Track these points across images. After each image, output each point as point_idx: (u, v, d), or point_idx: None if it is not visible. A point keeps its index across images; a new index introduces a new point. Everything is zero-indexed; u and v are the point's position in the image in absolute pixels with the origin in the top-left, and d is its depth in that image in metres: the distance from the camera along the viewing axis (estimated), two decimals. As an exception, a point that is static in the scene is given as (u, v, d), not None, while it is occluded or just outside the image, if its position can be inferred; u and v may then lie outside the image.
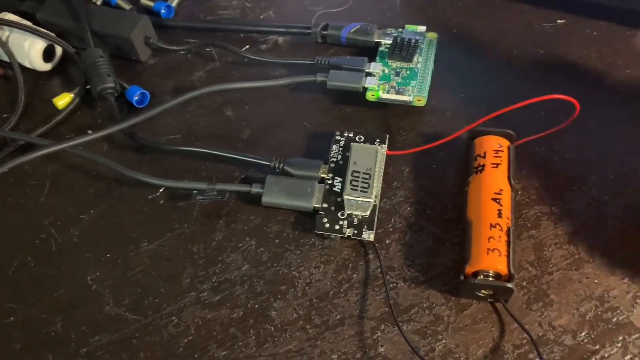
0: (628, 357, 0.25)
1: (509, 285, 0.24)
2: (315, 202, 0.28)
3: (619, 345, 0.25)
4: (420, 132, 0.31)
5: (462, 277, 0.25)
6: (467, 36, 0.35)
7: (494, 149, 0.28)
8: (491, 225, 0.25)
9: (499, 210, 0.26)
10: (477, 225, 0.26)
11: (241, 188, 0.29)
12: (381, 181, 0.29)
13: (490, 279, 0.25)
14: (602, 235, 0.27)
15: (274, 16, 0.37)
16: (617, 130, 0.30)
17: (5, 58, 0.34)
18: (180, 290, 0.27)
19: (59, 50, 0.35)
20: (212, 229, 0.29)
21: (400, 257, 0.28)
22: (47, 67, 0.35)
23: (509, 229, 0.25)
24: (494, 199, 0.26)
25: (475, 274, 0.25)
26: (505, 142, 0.28)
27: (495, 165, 0.27)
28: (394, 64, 0.32)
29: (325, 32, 0.34)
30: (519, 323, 0.25)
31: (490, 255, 0.25)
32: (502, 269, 0.25)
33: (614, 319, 0.25)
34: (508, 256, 0.25)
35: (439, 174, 0.30)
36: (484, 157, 0.27)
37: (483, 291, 0.25)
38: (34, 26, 0.34)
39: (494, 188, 0.26)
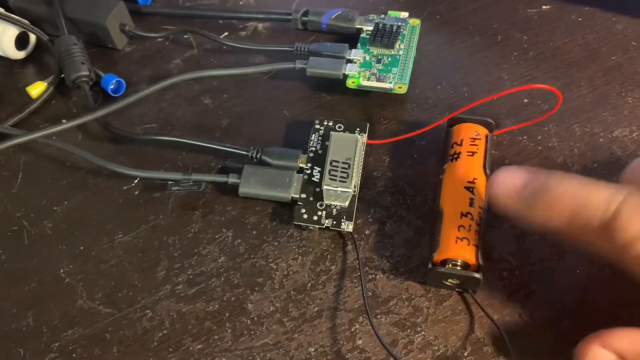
0: (609, 348, 0.24)
1: (476, 275, 0.24)
2: (293, 193, 0.28)
3: (600, 336, 0.24)
4: (402, 120, 0.31)
5: (429, 265, 0.25)
6: (450, 23, 0.34)
7: (471, 137, 0.27)
8: (462, 214, 0.25)
9: (471, 199, 0.25)
10: (448, 213, 0.25)
11: (218, 178, 0.29)
12: (361, 171, 0.29)
13: (458, 268, 0.24)
14: (585, 225, 0.27)
15: (253, 2, 0.36)
16: (601, 118, 0.30)
17: (-23, 46, 0.33)
18: (155, 283, 0.27)
19: (32, 37, 0.34)
20: (188, 220, 0.28)
21: (379, 248, 0.27)
22: (20, 55, 0.34)
23: (480, 218, 0.25)
24: (467, 188, 0.26)
25: (444, 263, 0.24)
26: (483, 131, 0.28)
27: (471, 154, 0.27)
28: (375, 50, 0.32)
29: (305, 19, 0.34)
30: (487, 314, 0.24)
31: (459, 244, 0.24)
32: (471, 258, 0.24)
33: (596, 310, 0.25)
34: (477, 246, 0.24)
35: (420, 163, 0.29)
36: (461, 144, 0.27)
37: (450, 280, 0.25)
38: (7, 13, 0.33)
39: (468, 176, 0.26)
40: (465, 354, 0.24)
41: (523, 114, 0.30)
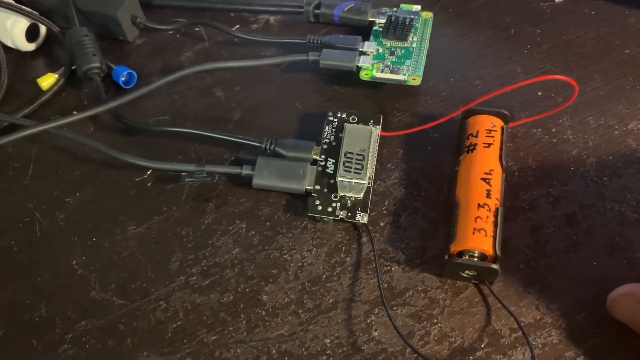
0: (626, 339, 0.24)
1: (493, 266, 0.24)
2: (307, 184, 0.28)
3: (618, 328, 0.24)
4: (415, 112, 0.31)
5: (446, 257, 0.24)
6: (463, 16, 0.34)
7: (487, 129, 0.27)
8: (479, 206, 0.25)
9: (488, 191, 0.25)
10: (465, 204, 0.25)
11: (231, 170, 0.28)
12: (375, 163, 0.28)
13: (475, 259, 0.24)
14: (600, 217, 0.27)
15: (265, -5, 0.36)
16: (615, 111, 0.30)
17: (-12, 37, 0.33)
18: (168, 274, 0.27)
19: (43, 29, 0.34)
20: (201, 212, 0.28)
21: (394, 239, 0.27)
22: (30, 47, 0.34)
23: (497, 210, 0.25)
24: (484, 179, 0.25)
25: (461, 254, 0.24)
26: (499, 122, 0.27)
27: (487, 145, 0.26)
28: (389, 43, 0.31)
29: (317, 11, 0.34)
30: (504, 305, 0.24)
31: (476, 235, 0.24)
32: (488, 249, 0.24)
33: (613, 302, 0.25)
34: (494, 237, 0.24)
35: (434, 155, 0.29)
36: (477, 136, 0.27)
37: (467, 272, 0.25)
38: (17, 4, 0.33)
39: (484, 168, 0.26)
40: (482, 346, 0.24)
41: (537, 107, 0.30)
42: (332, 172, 0.28)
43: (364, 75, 0.30)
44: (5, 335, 0.25)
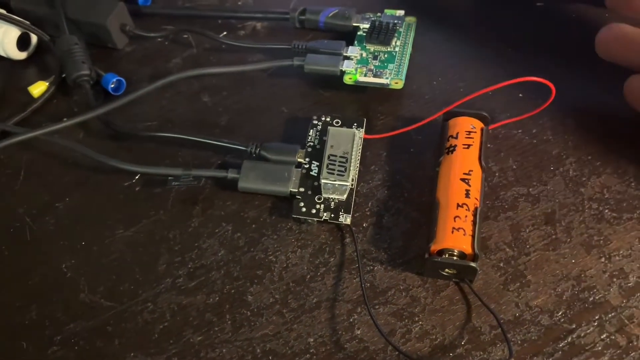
0: (604, 335, 0.25)
1: (472, 264, 0.24)
2: (292, 187, 0.28)
3: (595, 324, 0.25)
4: (398, 115, 0.31)
5: (426, 256, 0.25)
6: (445, 20, 0.34)
7: (467, 130, 0.27)
8: (458, 205, 0.25)
9: (467, 191, 0.26)
10: (445, 204, 0.26)
11: (217, 174, 0.29)
12: (358, 165, 0.29)
13: (455, 258, 0.25)
14: (579, 216, 0.27)
15: (251, 2, 0.37)
16: (596, 112, 0.30)
17: (-20, 47, 0.34)
18: (156, 276, 0.27)
19: (34, 38, 0.35)
20: (188, 215, 0.29)
21: (377, 240, 0.27)
22: (22, 55, 0.35)
23: (476, 209, 0.25)
24: (463, 179, 0.26)
25: (441, 253, 0.25)
26: (478, 124, 0.28)
27: (466, 146, 0.27)
28: (372, 47, 0.32)
29: (303, 17, 0.34)
30: (484, 303, 0.25)
31: (455, 234, 0.25)
32: (467, 248, 0.24)
33: (591, 299, 0.25)
34: (473, 236, 0.25)
35: (417, 157, 0.30)
36: (456, 137, 0.27)
37: (447, 270, 0.25)
38: (8, 14, 0.34)
39: (463, 168, 0.26)
40: (463, 343, 0.25)
41: (518, 108, 0.30)
42: (316, 174, 0.28)
43: (347, 80, 0.31)
44: (-5, 338, 0.26)
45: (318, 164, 0.29)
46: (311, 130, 0.30)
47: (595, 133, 0.30)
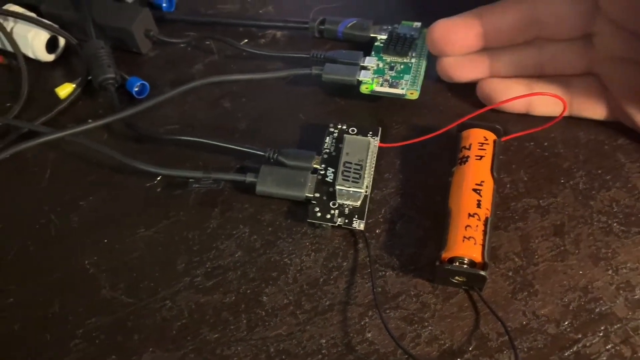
0: (609, 346, 0.25)
1: (482, 272, 0.25)
2: (307, 192, 0.29)
3: (601, 334, 0.25)
4: (413, 125, 0.32)
5: (437, 263, 0.26)
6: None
7: (479, 142, 0.28)
8: (469, 215, 0.26)
9: (479, 201, 0.26)
10: (456, 213, 0.26)
11: (236, 177, 0.30)
12: (372, 172, 0.30)
13: (465, 266, 0.25)
14: (588, 228, 0.28)
15: (272, 11, 0.38)
16: (606, 127, 0.31)
17: (10, 49, 0.35)
18: (174, 275, 0.28)
19: (62, 41, 0.36)
20: (207, 216, 0.30)
21: (389, 246, 0.28)
22: (50, 57, 0.36)
23: (486, 219, 0.26)
24: (475, 190, 0.27)
25: (451, 261, 0.26)
26: (491, 136, 0.29)
27: (479, 157, 0.28)
28: (389, 58, 0.33)
29: (322, 27, 0.35)
30: (492, 310, 0.25)
31: (466, 243, 0.25)
32: (477, 257, 0.25)
33: (597, 309, 0.26)
34: (483, 245, 0.25)
35: (430, 166, 0.30)
36: (469, 149, 0.28)
37: (457, 277, 0.26)
38: (38, 17, 0.35)
39: (475, 179, 0.27)
40: (470, 348, 0.25)
41: (530, 121, 0.31)
42: (331, 180, 0.29)
43: (364, 89, 0.32)
44: (20, 329, 0.27)
45: (333, 170, 0.30)
46: (327, 138, 0.31)
47: (605, 147, 0.30)
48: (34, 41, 0.35)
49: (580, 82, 0.30)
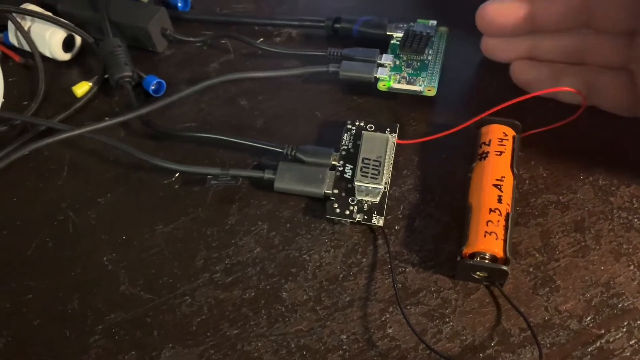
0: (633, 341, 0.25)
1: (504, 267, 0.25)
2: (326, 188, 0.29)
3: (624, 330, 0.25)
4: (430, 122, 0.32)
5: (458, 258, 0.26)
6: (477, 30, 0.35)
7: (499, 137, 0.28)
8: (490, 210, 0.26)
9: (499, 196, 0.26)
10: (477, 209, 0.26)
11: (254, 174, 0.30)
12: (391, 169, 0.30)
13: (487, 261, 0.25)
14: (609, 224, 0.28)
15: (287, 9, 0.38)
16: (625, 121, 0.31)
17: (27, 47, 0.35)
18: (193, 271, 0.28)
19: (78, 40, 0.36)
20: (225, 213, 0.30)
21: (409, 242, 0.28)
22: (66, 56, 0.36)
23: (507, 214, 0.26)
24: (495, 185, 0.27)
25: (473, 256, 0.25)
26: (510, 132, 0.29)
27: (499, 153, 0.28)
28: (405, 55, 0.33)
29: (337, 25, 0.35)
30: (514, 306, 0.25)
31: (487, 238, 0.25)
32: (498, 252, 0.25)
33: (620, 305, 0.26)
34: (505, 240, 0.25)
35: (448, 163, 0.30)
36: (489, 144, 0.28)
37: (478, 273, 0.26)
38: (55, 17, 0.35)
39: (496, 175, 0.27)
40: (492, 344, 0.25)
41: (549, 117, 0.31)
42: (349, 177, 0.29)
43: (381, 86, 0.32)
44: (40, 325, 0.27)
45: (352, 167, 0.30)
46: (345, 134, 0.31)
47: (625, 143, 0.30)
48: (51, 40, 0.35)
49: (612, 75, 0.29)
